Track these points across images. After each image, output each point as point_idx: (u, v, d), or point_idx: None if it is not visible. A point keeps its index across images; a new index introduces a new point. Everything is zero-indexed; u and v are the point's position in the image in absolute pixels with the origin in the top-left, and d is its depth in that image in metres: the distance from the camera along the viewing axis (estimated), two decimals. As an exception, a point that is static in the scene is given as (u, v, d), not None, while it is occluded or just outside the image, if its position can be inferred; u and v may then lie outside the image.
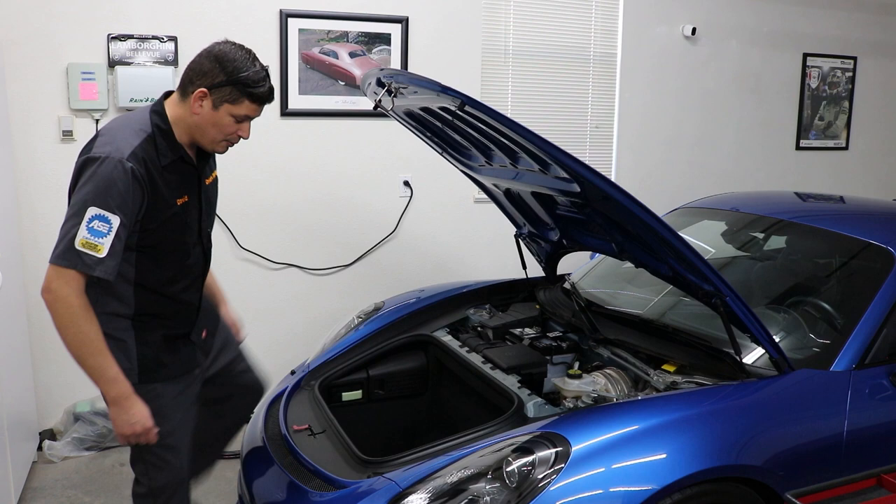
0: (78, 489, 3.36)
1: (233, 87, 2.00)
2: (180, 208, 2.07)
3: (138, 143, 1.97)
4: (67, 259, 1.89)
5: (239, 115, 2.05)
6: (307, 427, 2.63)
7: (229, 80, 1.99)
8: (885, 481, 2.32)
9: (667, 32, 5.00)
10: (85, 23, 3.64)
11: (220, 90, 2.00)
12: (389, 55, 4.23)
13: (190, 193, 2.12)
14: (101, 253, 1.89)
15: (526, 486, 1.92)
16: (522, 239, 3.31)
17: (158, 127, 2.03)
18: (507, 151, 2.48)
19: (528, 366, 2.68)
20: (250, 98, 2.03)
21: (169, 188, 2.03)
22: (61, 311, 1.93)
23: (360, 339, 3.05)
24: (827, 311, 2.64)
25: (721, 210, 3.44)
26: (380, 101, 2.58)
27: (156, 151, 2.00)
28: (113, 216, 1.90)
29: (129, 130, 2.00)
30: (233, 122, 2.06)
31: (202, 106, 2.02)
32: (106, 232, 1.89)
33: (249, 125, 2.11)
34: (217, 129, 2.05)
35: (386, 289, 3.89)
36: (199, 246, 2.21)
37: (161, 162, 2.01)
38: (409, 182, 4.39)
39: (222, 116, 2.03)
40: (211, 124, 2.04)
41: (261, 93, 2.03)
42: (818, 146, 5.71)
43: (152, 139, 2.00)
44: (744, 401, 2.26)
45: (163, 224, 2.04)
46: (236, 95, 2.01)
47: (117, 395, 2.01)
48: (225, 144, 2.12)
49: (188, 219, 2.12)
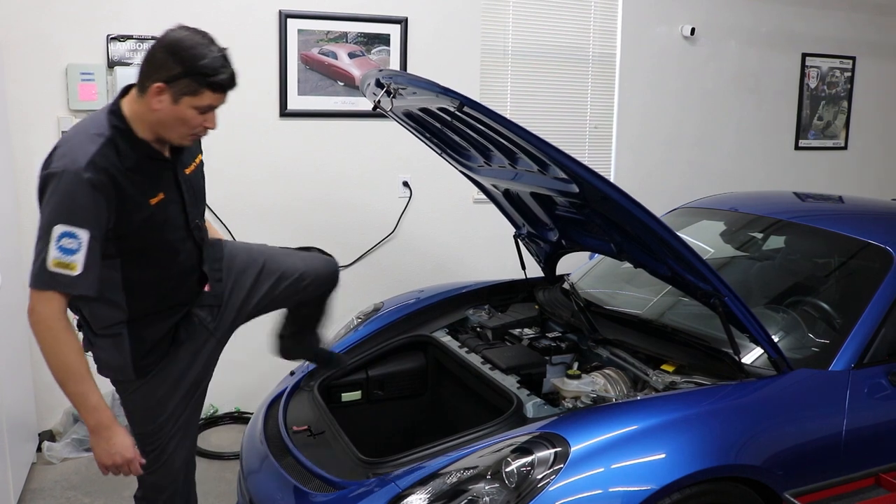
0: (77, 490, 3.36)
1: (191, 78, 1.85)
2: (155, 207, 1.96)
3: (95, 150, 1.84)
4: (43, 281, 1.84)
5: (202, 107, 1.91)
6: (307, 428, 2.63)
7: (186, 71, 1.85)
8: (883, 480, 2.32)
9: (666, 32, 5.01)
10: (84, 23, 3.64)
11: (178, 83, 1.86)
12: (388, 56, 4.23)
13: (166, 189, 1.99)
14: (76, 270, 1.82)
15: (525, 486, 1.93)
16: (521, 239, 3.31)
17: (117, 128, 1.90)
18: (505, 152, 2.48)
19: (527, 366, 2.68)
20: (211, 88, 1.88)
21: (138, 189, 1.92)
22: (43, 334, 1.88)
23: (359, 339, 3.05)
24: (825, 311, 2.64)
25: (720, 210, 3.44)
26: (379, 102, 2.58)
27: (117, 154, 1.88)
28: (81, 231, 1.81)
29: (85, 137, 1.88)
30: (196, 115, 1.91)
31: (161, 101, 1.88)
32: (76, 248, 1.81)
33: (215, 115, 1.97)
34: (181, 123, 1.92)
35: (385, 289, 3.89)
36: (189, 240, 2.10)
37: (125, 164, 1.89)
38: (409, 183, 4.39)
39: (184, 110, 1.89)
40: (174, 119, 1.90)
41: (221, 80, 1.88)
42: (817, 146, 5.72)
43: (112, 142, 1.88)
44: (742, 401, 2.26)
45: (139, 227, 1.95)
46: (195, 87, 1.87)
47: (97, 424, 1.94)
48: (192, 137, 1.99)
49: (168, 216, 2.01)
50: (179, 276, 2.12)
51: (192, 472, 2.38)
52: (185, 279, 2.15)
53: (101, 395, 1.95)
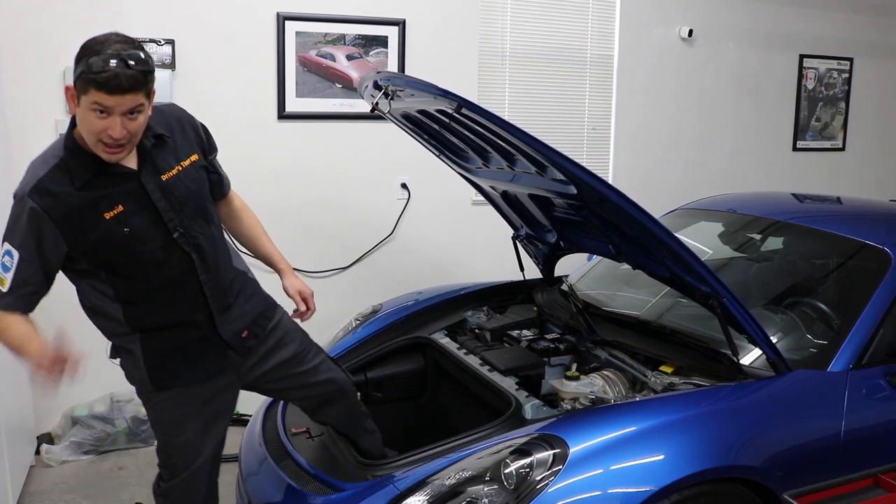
0: (76, 493, 3.36)
1: (82, 76, 1.80)
2: (112, 221, 1.94)
3: (43, 174, 1.90)
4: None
5: (95, 106, 1.81)
6: (305, 430, 2.62)
7: (81, 69, 1.81)
8: (882, 481, 2.32)
9: (663, 34, 5.01)
10: (83, 25, 3.63)
11: (77, 82, 1.82)
12: (386, 58, 4.23)
13: (126, 201, 1.96)
14: (4, 287, 1.91)
15: (524, 487, 1.92)
16: (520, 241, 3.31)
17: (69, 149, 1.92)
18: (503, 154, 2.48)
19: (525, 367, 2.68)
20: (94, 85, 1.78)
21: (91, 206, 1.92)
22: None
23: (357, 341, 3.05)
24: (824, 312, 2.64)
25: (718, 211, 3.45)
26: (377, 104, 2.58)
27: (68, 175, 1.90)
28: (14, 251, 1.90)
29: (41, 161, 1.94)
30: (96, 118, 1.82)
31: (73, 105, 1.87)
32: (10, 267, 1.90)
33: (118, 122, 1.82)
34: (84, 126, 1.86)
35: (384, 291, 3.89)
36: (173, 249, 2.03)
37: (76, 184, 1.90)
38: (407, 184, 4.39)
39: (84, 111, 1.83)
40: (80, 122, 1.87)
41: (103, 78, 1.77)
42: (815, 147, 5.72)
43: (63, 164, 1.91)
44: (741, 402, 2.26)
45: (98, 242, 1.94)
46: (84, 85, 1.80)
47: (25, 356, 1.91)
48: (102, 147, 1.87)
49: (133, 228, 1.97)
50: (171, 287, 2.08)
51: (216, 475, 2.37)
52: (180, 289, 2.09)
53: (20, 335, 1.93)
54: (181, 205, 2.05)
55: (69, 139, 1.94)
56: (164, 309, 2.09)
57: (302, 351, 2.37)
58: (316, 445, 2.56)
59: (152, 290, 2.06)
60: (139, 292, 2.05)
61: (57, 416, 3.79)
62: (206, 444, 2.23)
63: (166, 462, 2.24)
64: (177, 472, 2.22)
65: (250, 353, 2.26)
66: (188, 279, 2.09)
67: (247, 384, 2.32)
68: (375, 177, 4.32)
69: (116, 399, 3.80)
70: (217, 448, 2.29)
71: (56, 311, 3.76)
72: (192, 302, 2.11)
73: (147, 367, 2.11)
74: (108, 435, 3.70)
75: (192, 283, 2.10)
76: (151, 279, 2.05)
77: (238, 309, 2.21)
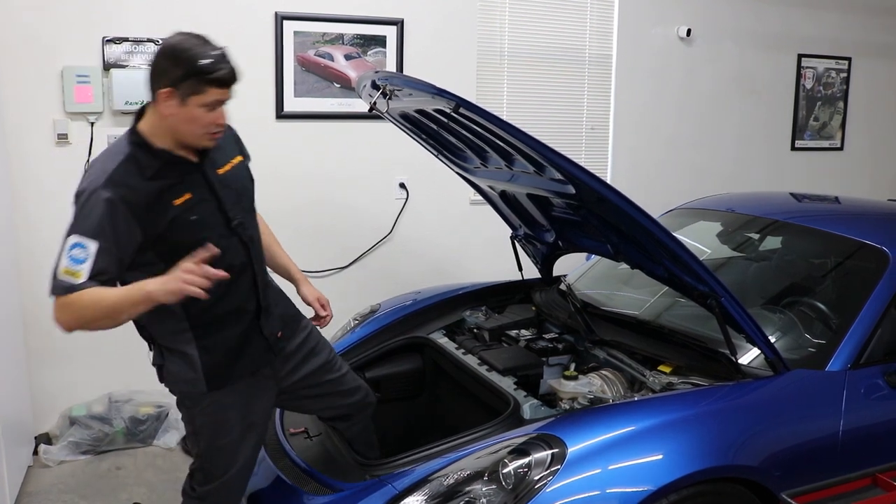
0: (74, 493, 3.35)
1: (194, 78, 1.94)
2: (181, 208, 2.04)
3: (114, 167, 1.98)
4: (53, 288, 1.94)
5: (208, 103, 1.98)
6: (304, 430, 2.62)
7: (188, 72, 1.94)
8: (880, 481, 2.32)
9: (662, 34, 5.01)
10: (80, 26, 3.64)
11: (182, 85, 1.95)
12: (385, 57, 4.23)
13: (193, 190, 2.07)
14: (79, 279, 1.91)
15: (522, 487, 1.92)
16: (518, 241, 3.31)
17: (135, 144, 2.03)
18: (502, 153, 2.48)
19: (524, 367, 2.68)
20: (214, 84, 1.96)
21: (160, 194, 2.01)
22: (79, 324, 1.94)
23: (356, 341, 3.05)
24: (822, 312, 2.64)
25: (716, 211, 3.45)
26: (375, 104, 2.58)
27: (137, 167, 1.99)
28: (90, 242, 1.92)
29: (107, 157, 2.03)
30: (205, 113, 1.99)
31: (170, 105, 1.98)
32: (84, 258, 1.91)
33: (223, 110, 2.05)
34: (193, 123, 2.00)
35: (382, 291, 3.88)
36: (232, 238, 2.15)
37: (145, 174, 2.00)
38: (405, 184, 4.39)
39: (193, 110, 1.98)
40: (186, 121, 1.99)
41: (222, 76, 1.97)
42: (813, 147, 5.73)
43: (132, 157, 2.00)
44: (739, 401, 2.26)
45: (169, 228, 2.02)
46: (199, 85, 1.95)
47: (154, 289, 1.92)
48: (208, 137, 2.05)
49: (199, 215, 2.08)
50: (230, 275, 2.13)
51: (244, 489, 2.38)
52: (237, 278, 2.16)
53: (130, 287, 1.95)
54: (238, 197, 2.19)
55: (135, 135, 2.04)
56: (221, 299, 2.13)
57: (331, 359, 2.49)
58: (314, 445, 2.56)
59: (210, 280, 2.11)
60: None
61: (55, 416, 3.78)
62: (242, 451, 2.24)
63: (204, 465, 2.24)
64: (214, 477, 2.23)
65: (287, 359, 2.35)
66: (244, 269, 2.19)
67: (283, 390, 2.37)
68: (374, 176, 4.32)
69: (114, 399, 3.80)
70: (250, 460, 2.29)
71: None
72: (246, 292, 2.20)
73: (203, 366, 2.14)
74: (106, 435, 3.70)
75: (248, 273, 2.20)
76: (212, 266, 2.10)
77: (273, 308, 2.31)
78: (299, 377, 2.39)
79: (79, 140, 3.69)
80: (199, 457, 2.24)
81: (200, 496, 2.25)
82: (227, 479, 2.23)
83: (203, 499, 2.25)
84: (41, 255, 3.68)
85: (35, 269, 3.66)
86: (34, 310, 3.69)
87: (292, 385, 2.39)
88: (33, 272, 3.66)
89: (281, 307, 2.36)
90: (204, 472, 2.24)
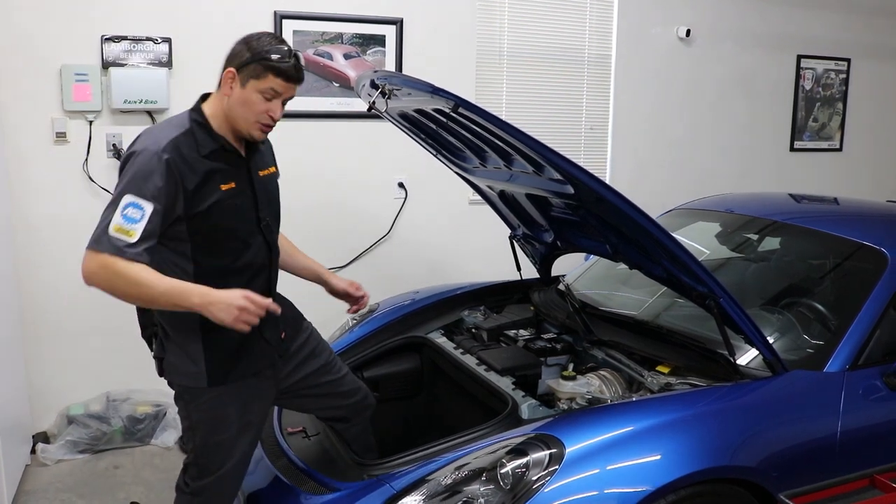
0: (71, 492, 3.35)
1: (257, 63, 2.05)
2: (226, 193, 2.11)
3: (175, 136, 2.05)
4: (100, 243, 1.94)
5: (264, 90, 2.07)
6: (302, 429, 2.62)
7: (254, 57, 2.06)
8: (878, 482, 2.32)
9: (662, 34, 5.01)
10: (78, 24, 3.63)
11: (246, 68, 2.06)
12: (384, 57, 4.23)
13: (238, 181, 2.15)
14: (133, 238, 1.94)
15: (520, 487, 1.92)
16: (517, 240, 3.31)
17: (196, 121, 2.11)
18: (501, 153, 2.48)
19: (522, 367, 2.68)
20: (274, 72, 2.06)
21: (211, 174, 2.08)
22: (109, 287, 1.96)
23: (354, 340, 3.05)
24: (820, 312, 2.64)
25: (715, 211, 3.45)
26: (374, 103, 2.58)
27: (195, 142, 2.07)
28: (146, 203, 1.95)
29: (167, 126, 2.10)
30: (261, 100, 2.08)
31: (232, 87, 2.08)
32: (139, 218, 1.95)
33: (280, 105, 2.13)
34: (247, 107, 2.09)
35: (380, 290, 3.88)
36: (258, 235, 2.21)
37: (201, 151, 2.08)
38: (404, 184, 4.39)
39: (250, 94, 2.07)
40: (240, 103, 2.08)
41: (284, 67, 2.07)
42: (812, 147, 5.73)
43: (190, 132, 2.08)
44: (738, 402, 2.26)
45: (210, 209, 2.07)
46: (260, 71, 2.06)
47: (201, 300, 1.96)
48: (259, 126, 2.13)
49: (238, 205, 2.15)
50: (247, 272, 2.19)
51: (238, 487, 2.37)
52: (254, 277, 2.21)
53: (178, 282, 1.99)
54: (269, 201, 2.28)
55: (198, 113, 2.13)
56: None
57: (331, 361, 2.51)
58: (312, 445, 2.55)
59: (232, 272, 2.16)
60: (220, 273, 2.13)
61: (53, 415, 3.78)
62: (238, 448, 2.24)
63: (199, 460, 2.23)
64: (209, 472, 2.23)
65: (288, 360, 2.37)
66: (262, 269, 2.25)
67: (282, 391, 2.38)
68: (372, 176, 4.32)
69: (112, 398, 3.80)
70: (245, 457, 2.29)
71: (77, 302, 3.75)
72: (260, 289, 2.20)
73: (206, 361, 2.15)
74: (103, 434, 3.70)
75: (264, 274, 2.26)
76: (234, 260, 2.16)
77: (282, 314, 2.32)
78: (299, 378, 2.41)
79: (77, 139, 3.68)
80: (194, 452, 2.24)
81: (194, 491, 2.25)
82: (222, 474, 2.23)
83: (197, 494, 2.25)
84: (39, 254, 3.68)
85: (33, 267, 3.67)
86: (32, 308, 3.69)
87: (292, 385, 2.40)
88: (31, 270, 3.66)
89: (284, 308, 2.37)
90: (199, 468, 2.24)
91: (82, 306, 3.72)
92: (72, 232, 3.69)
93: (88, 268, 1.95)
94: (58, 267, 3.68)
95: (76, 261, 1.98)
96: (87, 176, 3.71)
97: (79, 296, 3.72)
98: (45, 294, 3.72)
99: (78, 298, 3.70)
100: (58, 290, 3.72)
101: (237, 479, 2.30)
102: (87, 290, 2.00)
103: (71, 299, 3.72)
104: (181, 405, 2.23)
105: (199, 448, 2.23)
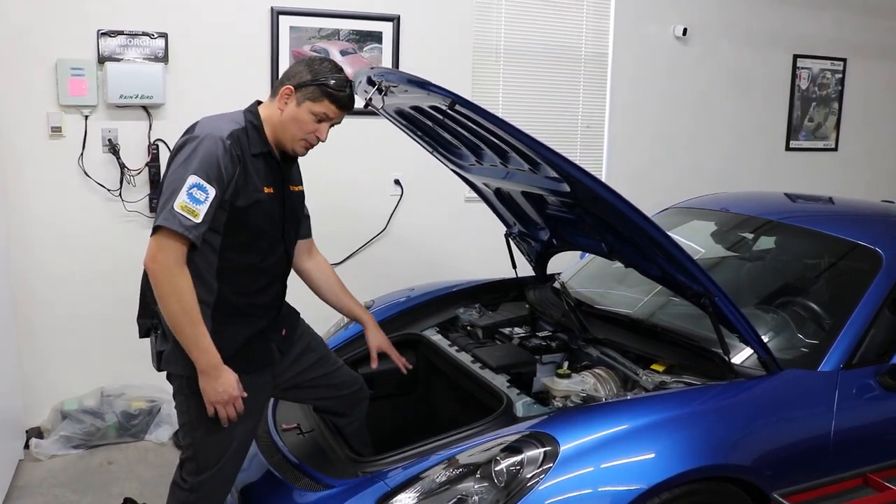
0: (65, 487, 3.34)
1: (316, 86, 2.18)
2: (266, 196, 2.19)
3: (233, 129, 2.14)
4: (167, 220, 1.99)
5: (318, 114, 2.20)
6: (296, 426, 2.62)
7: (313, 80, 2.18)
8: (871, 481, 2.33)
9: (658, 33, 5.02)
10: (74, 18, 3.62)
11: (304, 89, 2.18)
12: (381, 53, 4.22)
13: (276, 187, 2.24)
14: (197, 218, 2.01)
15: (514, 485, 1.92)
16: (513, 238, 3.31)
17: (251, 122, 2.20)
18: (497, 151, 2.48)
19: (517, 365, 2.68)
20: (330, 98, 2.19)
21: (258, 174, 2.17)
22: (164, 280, 2.01)
23: (349, 337, 3.05)
24: (815, 312, 2.65)
25: (711, 210, 3.45)
26: (370, 100, 2.57)
27: (248, 140, 2.17)
28: (210, 187, 2.03)
29: (226, 119, 2.18)
30: (312, 121, 2.20)
31: (287, 103, 2.20)
32: (203, 200, 2.02)
33: (328, 128, 2.26)
34: (298, 125, 2.20)
35: (376, 287, 3.88)
36: (281, 244, 2.29)
37: (252, 150, 2.17)
38: (400, 181, 4.39)
39: (303, 113, 2.19)
40: (292, 120, 2.20)
41: (340, 96, 2.21)
42: (808, 147, 5.74)
43: (244, 131, 2.17)
44: (732, 401, 2.27)
45: (249, 206, 2.14)
46: (318, 95, 2.18)
47: (207, 364, 2.08)
48: (303, 144, 2.25)
49: (272, 210, 2.23)
50: (267, 276, 2.27)
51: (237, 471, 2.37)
52: (271, 283, 2.29)
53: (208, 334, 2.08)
54: (295, 215, 2.38)
55: (254, 115, 2.22)
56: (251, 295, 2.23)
57: (326, 354, 2.58)
58: (306, 441, 2.55)
59: (253, 271, 2.22)
60: (242, 270, 2.20)
61: (46, 410, 3.77)
62: (235, 443, 2.25)
63: (196, 455, 2.23)
64: (206, 467, 2.23)
65: (284, 355, 2.40)
66: (279, 278, 2.34)
67: (279, 384, 2.41)
68: (369, 173, 4.32)
69: (106, 393, 3.79)
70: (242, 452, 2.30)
71: (77, 296, 3.74)
72: (272, 300, 2.31)
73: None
74: (97, 429, 3.69)
75: (279, 284, 2.35)
76: (259, 261, 2.23)
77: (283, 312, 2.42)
78: (295, 372, 2.44)
79: (72, 133, 3.67)
80: (192, 447, 2.24)
81: (192, 487, 2.25)
82: (219, 469, 2.23)
83: (194, 490, 2.25)
84: (35, 248, 3.67)
85: (27, 261, 3.65)
86: (26, 303, 3.67)
87: (288, 379, 2.43)
88: (25, 265, 3.65)
89: (283, 307, 2.43)
90: (196, 463, 2.23)
91: (76, 301, 3.71)
92: (66, 227, 3.68)
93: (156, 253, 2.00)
94: (52, 262, 3.67)
95: (71, 255, 1.98)
96: (83, 171, 3.70)
97: (73, 291, 3.72)
98: (39, 289, 3.71)
99: (72, 293, 3.69)
100: (52, 285, 3.71)
101: (233, 473, 2.30)
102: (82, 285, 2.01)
103: (65, 294, 3.71)
104: (181, 399, 2.23)
105: (197, 443, 2.22)
